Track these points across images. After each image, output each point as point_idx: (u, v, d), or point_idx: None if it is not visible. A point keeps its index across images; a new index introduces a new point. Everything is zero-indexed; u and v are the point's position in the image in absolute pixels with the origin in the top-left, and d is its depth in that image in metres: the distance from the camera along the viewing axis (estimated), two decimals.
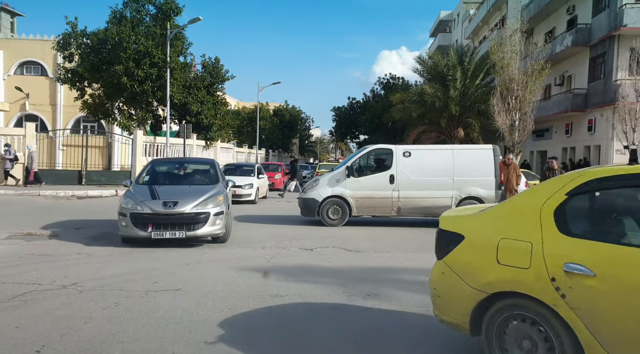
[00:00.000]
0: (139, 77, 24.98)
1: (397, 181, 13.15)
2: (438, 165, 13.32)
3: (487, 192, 13.18)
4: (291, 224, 13.52)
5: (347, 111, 56.24)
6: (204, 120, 29.47)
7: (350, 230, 12.74)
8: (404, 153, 13.35)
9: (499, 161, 13.40)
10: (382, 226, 13.71)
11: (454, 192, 13.16)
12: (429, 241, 5.09)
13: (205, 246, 9.80)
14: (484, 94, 28.89)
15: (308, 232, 12.15)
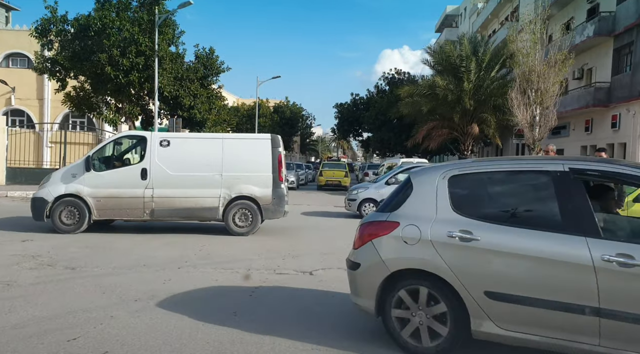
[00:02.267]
0: (124, 67, 22.81)
1: (151, 176, 10.74)
2: (204, 158, 11.00)
3: (262, 191, 11.01)
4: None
5: (350, 108, 53.96)
6: (196, 115, 27.29)
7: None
8: (161, 142, 10.92)
9: (277, 154, 11.12)
10: None
11: (222, 191, 10.92)
12: None
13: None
14: (500, 87, 26.66)
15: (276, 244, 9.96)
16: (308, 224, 13.84)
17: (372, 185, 16.01)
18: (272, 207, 11.07)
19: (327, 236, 11.56)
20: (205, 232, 11.63)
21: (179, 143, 11.11)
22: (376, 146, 46.71)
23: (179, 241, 10.11)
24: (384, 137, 42.28)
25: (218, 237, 10.80)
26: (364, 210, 15.35)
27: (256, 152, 11.11)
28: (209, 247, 9.42)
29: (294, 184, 28.50)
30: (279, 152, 11.24)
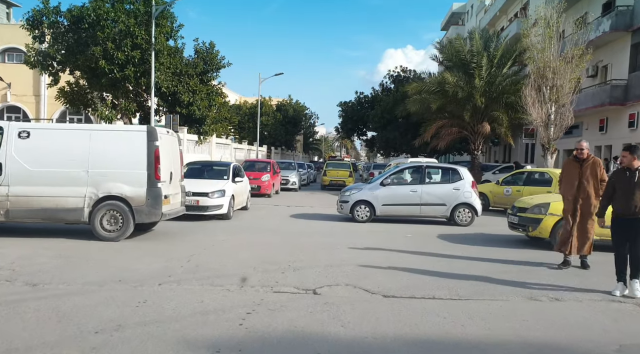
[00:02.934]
0: (119, 61, 21.68)
1: (6, 171, 9.51)
2: (69, 152, 9.73)
3: (134, 190, 9.71)
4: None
5: (355, 106, 52.67)
6: (195, 112, 26.14)
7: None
8: (19, 133, 9.69)
9: (154, 149, 9.84)
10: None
11: (88, 189, 9.62)
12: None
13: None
14: (512, 84, 25.45)
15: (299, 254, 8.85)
16: (311, 228, 12.73)
17: (366, 186, 14.76)
18: (146, 209, 9.72)
19: (332, 243, 10.45)
20: (200, 237, 10.54)
21: (41, 134, 9.85)
22: (381, 145, 45.49)
23: (167, 249, 9.03)
24: (390, 137, 41.05)
25: (213, 244, 9.70)
26: (357, 213, 14.20)
27: (129, 147, 9.87)
28: (199, 257, 8.32)
29: (295, 185, 26.90)
30: (156, 147, 9.88)
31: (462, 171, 14.60)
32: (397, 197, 14.07)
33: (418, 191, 14.04)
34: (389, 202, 14.12)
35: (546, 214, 10.21)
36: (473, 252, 9.69)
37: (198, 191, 13.15)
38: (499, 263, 8.70)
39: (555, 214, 10.02)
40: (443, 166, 15.41)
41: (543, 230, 10.23)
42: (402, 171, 15.13)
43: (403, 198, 14.01)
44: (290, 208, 17.55)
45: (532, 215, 10.49)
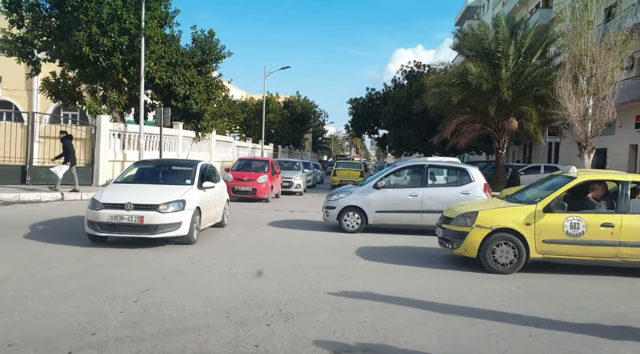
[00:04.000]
0: (105, 48, 19.45)
1: None
2: None
3: None
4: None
5: (366, 103, 50.09)
6: (192, 105, 23.90)
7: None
8: None
9: None
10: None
11: None
12: None
13: None
14: (543, 75, 22.85)
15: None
16: (313, 242, 10.39)
17: (356, 188, 12.33)
18: None
19: (339, 264, 8.10)
20: (165, 258, 8.19)
21: None
22: (393, 144, 42.92)
23: (118, 278, 6.66)
24: (403, 135, 38.45)
25: (179, 270, 7.33)
26: (346, 221, 11.80)
27: None
28: (152, 295, 5.90)
29: (299, 188, 23.16)
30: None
31: (473, 171, 12.18)
32: (394, 203, 11.62)
33: (419, 196, 11.63)
34: (383, 208, 11.71)
35: (472, 226, 8.04)
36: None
37: (142, 203, 8.81)
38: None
39: (483, 226, 7.98)
40: (450, 166, 12.86)
41: (469, 247, 8.08)
42: (400, 171, 12.73)
43: (400, 204, 11.50)
44: (295, 213, 15.22)
45: (457, 227, 8.30)
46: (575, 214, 7.80)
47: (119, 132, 20.94)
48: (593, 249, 7.81)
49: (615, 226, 7.75)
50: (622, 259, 7.85)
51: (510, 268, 7.88)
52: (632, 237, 7.75)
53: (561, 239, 7.78)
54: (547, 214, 7.84)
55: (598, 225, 7.77)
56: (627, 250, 7.78)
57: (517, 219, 7.89)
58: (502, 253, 7.87)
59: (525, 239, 7.82)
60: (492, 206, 8.53)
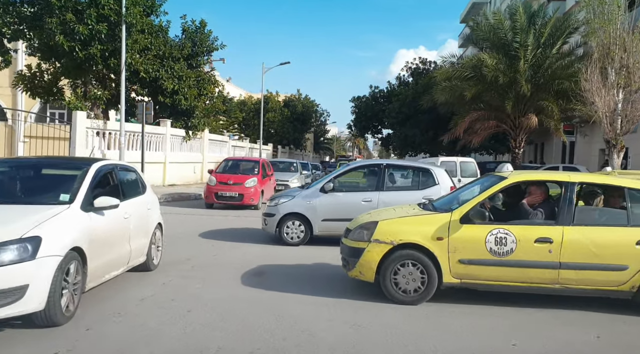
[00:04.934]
0: (81, 36, 17.54)
1: None
2: None
3: None
4: None
5: (369, 102, 48.11)
6: (181, 101, 21.95)
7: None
8: None
9: None
10: None
11: None
12: None
13: None
14: (565, 67, 20.84)
15: None
16: (307, 263, 8.35)
17: (300, 192, 10.32)
18: None
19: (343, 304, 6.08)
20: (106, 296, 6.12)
21: None
22: (398, 144, 40.93)
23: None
24: (408, 134, 36.46)
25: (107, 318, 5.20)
26: (286, 232, 9.84)
27: None
28: None
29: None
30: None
31: (438, 173, 10.18)
32: (344, 209, 9.36)
33: (373, 201, 9.66)
34: (331, 216, 9.61)
35: (370, 240, 6.09)
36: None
37: None
38: None
39: (383, 241, 6.01)
40: (412, 165, 11.15)
41: (364, 268, 6.11)
42: (352, 172, 10.78)
43: (352, 210, 8.86)
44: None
45: (352, 242, 6.35)
46: (503, 226, 5.87)
47: (98, 129, 18.99)
48: (525, 273, 5.85)
49: (555, 242, 5.78)
50: (564, 286, 5.87)
51: (416, 297, 5.93)
52: (576, 257, 5.77)
53: (483, 259, 5.84)
54: (465, 225, 5.90)
55: (532, 240, 5.82)
56: (569, 274, 5.80)
57: (425, 232, 5.95)
58: (406, 277, 5.94)
59: (437, 259, 5.89)
60: (399, 215, 6.51)
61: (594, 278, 5.80)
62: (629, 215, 5.94)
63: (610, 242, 5.80)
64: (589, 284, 5.84)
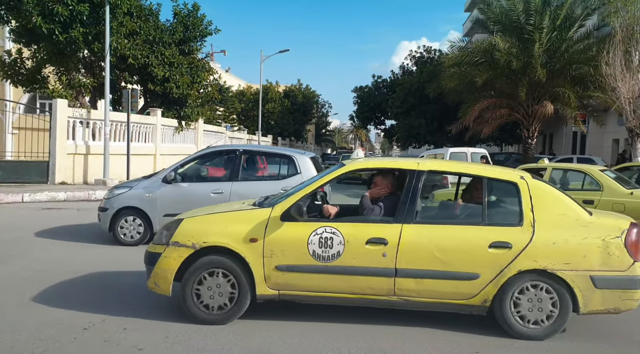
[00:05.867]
0: (61, 18, 16.25)
1: None
2: None
3: None
4: None
5: (372, 92, 46.60)
6: (173, 90, 20.63)
7: None
8: None
9: None
10: None
11: None
12: None
13: None
14: (583, 50, 19.45)
15: None
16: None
17: (140, 183, 8.85)
18: None
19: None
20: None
21: None
22: (402, 134, 39.56)
23: None
24: (413, 124, 35.06)
25: None
26: (122, 229, 8.33)
27: None
28: None
29: None
30: None
31: (301, 161, 8.69)
32: (190, 203, 7.41)
33: (225, 192, 8.27)
34: (175, 210, 7.35)
35: (168, 243, 4.86)
36: None
37: None
38: None
39: (183, 244, 4.79)
40: (273, 152, 9.78)
41: (160, 278, 4.87)
42: (202, 159, 9.22)
43: (199, 204, 6.91)
44: None
45: (151, 246, 5.16)
46: (330, 224, 4.73)
47: (81, 119, 17.70)
48: (355, 281, 4.69)
49: (390, 243, 4.61)
50: (403, 298, 4.71)
51: (223, 314, 4.78)
52: (416, 262, 4.61)
53: (305, 265, 4.69)
54: (286, 223, 4.75)
55: (363, 241, 4.65)
56: (408, 283, 4.65)
57: (237, 232, 4.76)
58: (211, 288, 4.75)
59: (249, 265, 4.72)
60: (212, 211, 5.29)
61: (438, 289, 4.63)
62: (484, 211, 4.74)
63: (459, 245, 4.60)
64: (432, 296, 4.67)
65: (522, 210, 4.65)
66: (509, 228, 4.62)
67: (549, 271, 4.52)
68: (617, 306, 4.60)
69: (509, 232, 4.59)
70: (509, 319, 4.60)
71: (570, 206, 4.77)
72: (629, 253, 4.54)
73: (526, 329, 4.60)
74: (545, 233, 4.56)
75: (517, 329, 4.61)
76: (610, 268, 4.52)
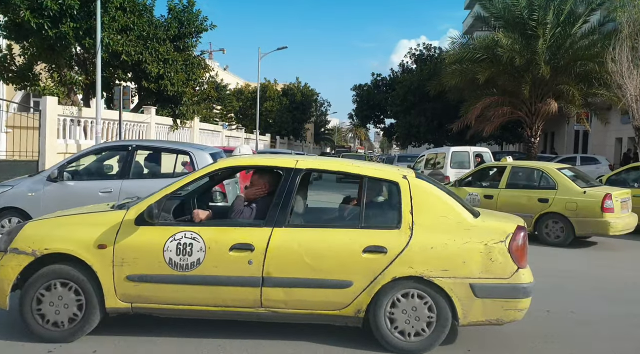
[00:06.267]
0: (50, 12, 15.75)
1: None
2: None
3: None
4: None
5: (371, 90, 46.18)
6: (168, 87, 20.11)
7: None
8: None
9: None
10: None
11: None
12: None
13: None
14: (588, 46, 18.97)
15: None
16: None
17: (24, 181, 8.20)
18: None
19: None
20: None
21: None
22: (401, 133, 39.11)
23: None
24: (413, 123, 34.61)
25: None
26: (2, 228, 7.70)
27: None
28: None
29: None
30: None
31: (199, 157, 7.98)
32: (75, 203, 6.63)
33: (114, 191, 7.59)
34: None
35: (7, 250, 4.34)
36: None
37: None
38: None
39: (23, 252, 4.25)
40: (169, 148, 8.85)
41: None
42: (93, 155, 8.60)
43: (85, 204, 6.21)
44: None
45: None
46: (191, 229, 4.29)
47: (72, 117, 17.19)
48: (217, 292, 4.24)
49: (257, 250, 4.18)
50: (271, 310, 4.27)
51: (68, 331, 4.28)
52: (285, 270, 4.18)
53: (160, 275, 4.24)
54: (141, 227, 4.29)
55: (227, 247, 4.21)
56: (276, 293, 4.22)
57: (84, 238, 4.26)
58: (54, 303, 4.26)
59: (97, 275, 4.24)
60: (63, 213, 4.84)
61: (308, 299, 4.23)
62: (362, 213, 4.35)
63: (331, 249, 4.19)
64: (303, 307, 4.26)
65: (401, 212, 4.24)
66: (386, 231, 4.24)
67: (425, 278, 4.08)
68: (499, 317, 4.15)
69: (385, 235, 4.20)
70: (383, 331, 4.17)
71: (453, 207, 4.32)
72: (513, 259, 4.12)
73: (401, 342, 4.18)
74: (424, 237, 4.14)
75: (391, 341, 4.18)
76: (492, 275, 4.10)
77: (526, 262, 4.29)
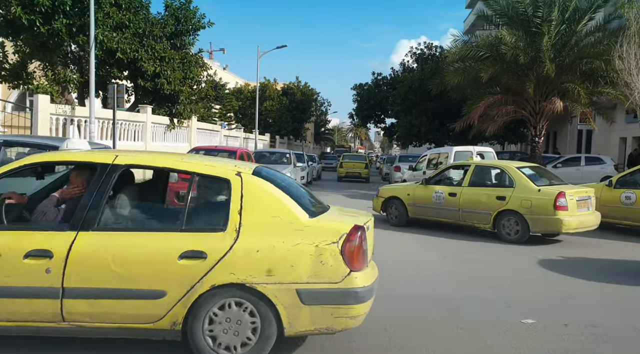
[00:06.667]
0: (43, 8, 15.35)
1: None
2: None
3: None
4: None
5: (372, 89, 45.82)
6: (164, 86, 19.70)
7: None
8: None
9: None
10: None
11: None
12: None
13: None
14: (594, 44, 18.52)
15: None
16: None
17: None
18: None
19: None
20: None
21: None
22: (402, 133, 38.71)
23: None
24: (414, 122, 34.15)
25: None
26: None
27: None
28: None
29: None
30: None
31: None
32: None
33: None
34: None
35: None
36: None
37: None
38: None
39: None
40: (37, 142, 8.10)
41: None
42: None
43: None
44: None
45: None
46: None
47: (65, 116, 16.76)
48: (12, 306, 3.78)
49: (56, 257, 3.75)
50: (74, 324, 3.82)
51: None
52: (89, 279, 3.76)
53: None
54: None
55: (21, 255, 3.77)
56: (79, 305, 3.78)
57: None
58: None
59: None
60: None
61: (117, 312, 3.79)
62: (184, 215, 3.95)
63: (143, 256, 3.76)
64: (111, 320, 3.81)
65: (229, 212, 3.82)
66: (208, 234, 3.81)
67: (247, 285, 3.66)
68: (329, 325, 3.76)
69: (207, 239, 3.78)
70: (201, 347, 3.74)
71: (287, 207, 3.89)
72: (345, 261, 3.73)
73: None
74: (251, 239, 3.72)
75: None
76: (322, 279, 3.71)
77: (363, 264, 3.87)
